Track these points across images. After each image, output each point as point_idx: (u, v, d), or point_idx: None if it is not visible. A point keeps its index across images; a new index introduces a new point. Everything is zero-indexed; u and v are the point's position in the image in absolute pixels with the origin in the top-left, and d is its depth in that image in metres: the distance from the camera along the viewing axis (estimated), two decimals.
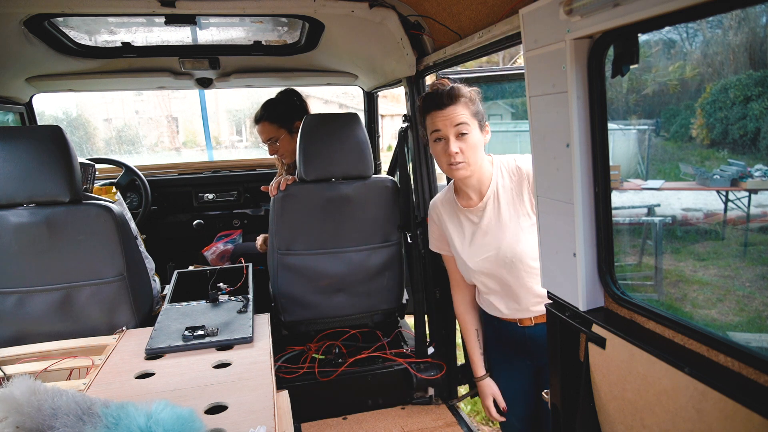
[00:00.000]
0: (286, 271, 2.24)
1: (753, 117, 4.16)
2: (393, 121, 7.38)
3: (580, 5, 0.89)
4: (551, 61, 1.01)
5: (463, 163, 1.63)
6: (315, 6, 1.80)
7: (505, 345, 1.79)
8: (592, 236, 1.03)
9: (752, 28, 4.18)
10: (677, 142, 4.94)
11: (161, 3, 1.66)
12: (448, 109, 1.62)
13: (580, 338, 1.13)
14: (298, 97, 2.62)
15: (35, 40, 2.02)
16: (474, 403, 3.16)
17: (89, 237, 1.72)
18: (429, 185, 2.27)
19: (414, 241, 2.32)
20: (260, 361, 1.45)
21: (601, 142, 0.98)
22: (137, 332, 1.68)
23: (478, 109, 1.65)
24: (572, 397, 1.14)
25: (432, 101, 1.64)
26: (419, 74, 2.16)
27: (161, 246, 2.93)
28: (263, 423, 1.13)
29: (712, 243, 4.40)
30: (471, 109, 1.63)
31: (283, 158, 2.59)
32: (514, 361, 1.78)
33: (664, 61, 4.64)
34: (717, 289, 3.93)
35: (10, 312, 1.71)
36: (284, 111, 2.50)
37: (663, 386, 0.86)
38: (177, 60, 2.43)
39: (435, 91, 1.65)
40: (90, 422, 0.96)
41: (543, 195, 1.13)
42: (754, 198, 4.17)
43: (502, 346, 1.81)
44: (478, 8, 1.51)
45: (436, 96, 1.64)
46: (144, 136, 8.75)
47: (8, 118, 2.69)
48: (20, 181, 1.67)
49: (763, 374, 0.72)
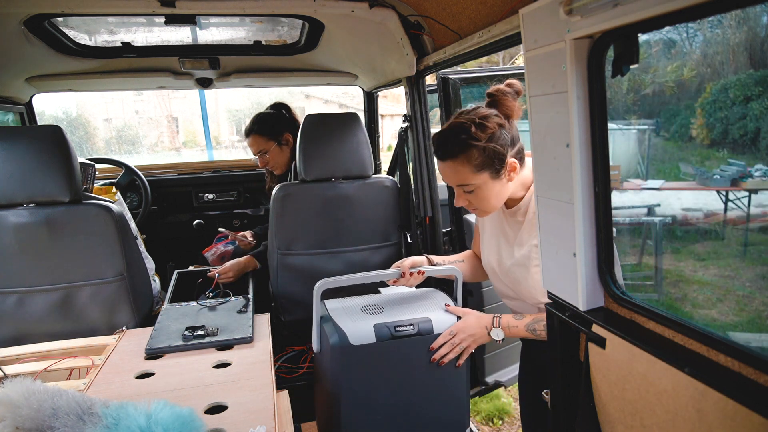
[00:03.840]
0: (286, 271, 2.23)
1: (753, 117, 4.16)
2: (393, 121, 7.38)
3: (580, 5, 0.89)
4: (551, 61, 1.01)
5: (477, 210, 1.49)
6: (315, 6, 1.80)
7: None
8: (592, 236, 1.03)
9: (752, 28, 4.19)
10: (677, 142, 4.94)
11: (161, 3, 1.66)
12: (446, 164, 1.42)
13: (580, 338, 1.13)
14: (287, 110, 2.69)
15: (35, 40, 2.02)
16: (474, 403, 3.16)
17: (89, 237, 1.72)
18: (429, 185, 2.27)
19: (414, 241, 2.32)
20: (260, 361, 1.45)
21: (601, 142, 0.98)
22: (137, 332, 1.68)
23: (487, 158, 1.37)
24: (572, 397, 1.15)
25: (434, 146, 1.46)
26: (419, 74, 2.16)
27: (161, 246, 2.93)
28: (263, 423, 1.13)
29: (712, 243, 4.40)
30: (476, 162, 1.37)
31: (273, 170, 2.64)
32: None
33: (664, 61, 4.64)
34: (717, 289, 3.93)
35: (10, 312, 1.71)
36: (273, 124, 2.56)
37: (663, 386, 0.86)
38: (177, 60, 2.43)
39: (437, 136, 1.45)
40: (90, 422, 0.96)
41: (543, 195, 1.13)
42: (754, 198, 4.17)
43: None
44: (478, 8, 1.51)
45: (434, 144, 1.45)
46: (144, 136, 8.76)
47: (8, 118, 2.69)
48: (20, 181, 1.67)
49: (763, 374, 0.72)
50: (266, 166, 2.62)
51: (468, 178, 1.40)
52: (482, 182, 1.40)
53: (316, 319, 1.59)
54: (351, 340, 1.50)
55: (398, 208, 2.31)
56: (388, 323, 1.54)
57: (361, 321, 1.55)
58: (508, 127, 1.41)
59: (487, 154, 1.37)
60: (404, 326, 1.55)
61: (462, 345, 1.56)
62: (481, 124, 1.37)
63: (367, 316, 1.58)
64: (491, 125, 1.37)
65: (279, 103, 2.71)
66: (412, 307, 1.64)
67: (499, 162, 1.38)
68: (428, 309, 1.64)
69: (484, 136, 1.36)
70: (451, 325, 1.58)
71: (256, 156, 2.60)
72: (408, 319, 1.57)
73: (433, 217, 2.27)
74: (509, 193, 1.47)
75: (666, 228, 4.35)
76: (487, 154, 1.37)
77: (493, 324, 1.54)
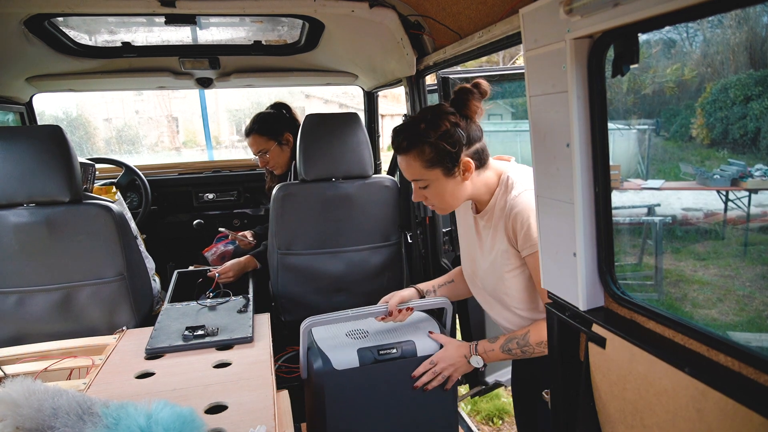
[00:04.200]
0: (286, 270, 2.23)
1: (753, 117, 4.17)
2: (393, 121, 7.38)
3: (580, 5, 0.88)
4: (551, 60, 1.01)
5: (435, 206, 1.49)
6: (315, 6, 1.80)
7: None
8: (592, 236, 1.03)
9: (752, 28, 4.18)
10: (677, 141, 4.94)
11: (161, 3, 1.66)
12: (401, 158, 1.43)
13: (580, 338, 1.13)
14: (287, 110, 2.69)
15: (35, 40, 2.02)
16: (474, 403, 3.16)
17: (89, 237, 1.72)
18: None
19: (414, 240, 2.32)
20: (260, 361, 1.45)
21: (601, 142, 0.98)
22: (137, 332, 1.68)
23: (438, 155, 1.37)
24: (572, 397, 1.15)
25: (391, 139, 1.46)
26: (419, 74, 2.16)
27: (161, 246, 2.92)
28: (263, 423, 1.13)
29: (712, 243, 4.40)
30: (427, 158, 1.38)
31: (273, 170, 2.64)
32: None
33: (664, 61, 4.64)
34: (717, 289, 3.93)
35: (10, 312, 1.71)
36: (274, 123, 2.56)
37: (663, 386, 0.86)
38: (177, 60, 2.43)
39: (394, 130, 1.45)
40: (90, 422, 0.96)
41: (543, 195, 1.13)
42: (754, 198, 4.17)
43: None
44: (478, 8, 1.51)
45: (391, 137, 1.44)
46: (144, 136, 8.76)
47: (8, 118, 2.69)
48: (20, 181, 1.67)
49: (763, 374, 0.72)
50: (266, 165, 2.62)
51: (420, 173, 1.41)
52: (435, 179, 1.40)
53: (303, 350, 1.61)
54: (335, 365, 1.54)
55: (398, 208, 2.31)
56: (372, 347, 1.59)
57: (345, 346, 1.59)
58: (465, 126, 1.40)
59: (438, 151, 1.37)
60: (388, 350, 1.59)
61: (444, 374, 1.60)
62: (433, 121, 1.38)
63: (351, 341, 1.62)
64: (444, 123, 1.38)
65: (279, 103, 2.71)
66: (397, 332, 1.68)
67: (450, 160, 1.38)
68: (412, 332, 1.67)
69: (434, 133, 1.37)
70: (434, 348, 1.62)
71: (257, 156, 2.61)
72: (391, 342, 1.61)
73: (433, 217, 2.27)
74: (468, 194, 1.46)
75: (666, 228, 4.35)
76: (438, 151, 1.37)
77: (471, 352, 1.56)
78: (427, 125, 1.38)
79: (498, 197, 1.44)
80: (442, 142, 1.37)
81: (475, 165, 1.42)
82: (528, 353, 1.43)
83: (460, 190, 1.43)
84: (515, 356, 1.47)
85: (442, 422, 1.68)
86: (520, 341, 1.44)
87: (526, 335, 1.43)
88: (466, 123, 1.41)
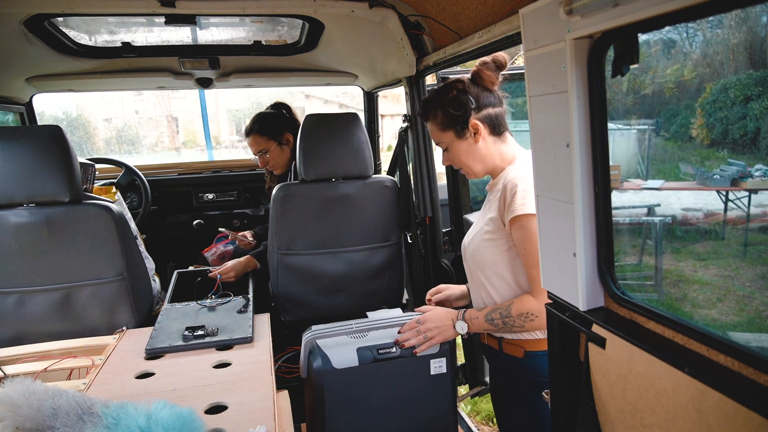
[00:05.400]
0: (286, 271, 2.23)
1: (753, 117, 4.17)
2: (393, 121, 7.37)
3: (580, 5, 0.88)
4: (551, 61, 1.01)
5: (462, 169, 1.61)
6: (315, 6, 1.80)
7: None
8: (592, 236, 1.03)
9: (752, 28, 4.19)
10: (677, 142, 4.94)
11: (161, 3, 1.66)
12: (427, 125, 1.62)
13: (580, 338, 1.13)
14: (287, 110, 2.69)
15: (35, 40, 2.02)
16: (474, 403, 3.16)
17: (89, 237, 1.72)
18: (429, 185, 2.27)
19: (414, 241, 2.32)
20: (260, 361, 1.45)
21: (601, 142, 0.98)
22: (137, 332, 1.68)
23: (448, 119, 1.53)
24: (572, 397, 1.15)
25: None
26: (419, 74, 2.16)
27: (161, 246, 2.92)
28: (263, 423, 1.13)
29: (712, 243, 4.40)
30: (440, 122, 1.55)
31: (273, 170, 2.64)
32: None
33: (664, 61, 4.64)
34: (717, 289, 3.93)
35: (10, 312, 1.71)
36: (274, 123, 2.56)
37: (663, 386, 0.86)
38: (177, 60, 2.43)
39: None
40: (90, 422, 0.96)
41: (543, 195, 1.13)
42: (754, 198, 4.17)
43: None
44: (478, 8, 1.51)
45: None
46: (144, 136, 8.76)
47: (8, 118, 2.69)
48: (20, 181, 1.67)
49: (763, 374, 0.72)
50: (266, 166, 2.62)
51: (437, 135, 1.58)
52: (449, 141, 1.55)
53: (303, 353, 1.61)
54: (334, 364, 1.55)
55: (398, 208, 2.31)
56: (371, 346, 1.59)
57: (344, 345, 1.59)
58: (476, 93, 1.52)
59: (447, 115, 1.53)
60: (387, 349, 1.59)
61: (427, 334, 1.60)
62: (441, 90, 1.57)
63: (351, 340, 1.62)
64: (451, 91, 1.54)
65: (279, 103, 2.71)
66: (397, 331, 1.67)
67: (459, 122, 1.52)
68: None
69: (442, 99, 1.54)
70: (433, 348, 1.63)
71: (256, 156, 2.61)
72: (391, 341, 1.61)
73: (433, 217, 2.27)
74: (485, 156, 1.55)
75: (666, 228, 4.35)
76: (446, 115, 1.53)
77: (458, 317, 1.58)
78: (437, 93, 1.58)
79: (507, 172, 1.54)
80: (448, 107, 1.53)
81: (489, 131, 1.54)
82: (509, 325, 1.45)
83: (475, 151, 1.55)
84: (497, 327, 1.48)
85: (442, 422, 1.68)
86: (503, 312, 1.46)
87: (509, 306, 1.45)
88: (478, 90, 1.53)
